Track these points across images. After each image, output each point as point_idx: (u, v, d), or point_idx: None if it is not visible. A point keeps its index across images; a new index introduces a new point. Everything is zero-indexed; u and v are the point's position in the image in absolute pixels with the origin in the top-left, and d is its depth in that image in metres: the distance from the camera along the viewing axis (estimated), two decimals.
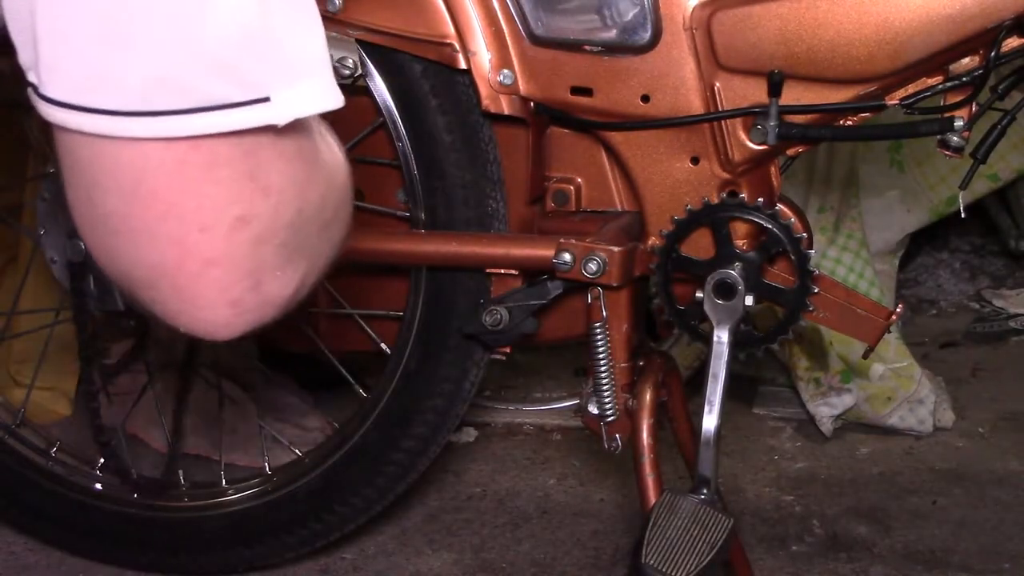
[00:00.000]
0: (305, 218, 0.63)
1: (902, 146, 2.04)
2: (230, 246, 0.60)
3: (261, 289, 0.63)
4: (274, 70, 0.59)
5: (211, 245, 0.59)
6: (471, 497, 1.63)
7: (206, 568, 1.42)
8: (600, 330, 1.17)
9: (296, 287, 0.66)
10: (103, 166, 0.58)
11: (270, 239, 0.61)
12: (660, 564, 1.04)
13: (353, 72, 1.21)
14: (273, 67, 0.59)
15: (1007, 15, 1.05)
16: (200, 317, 0.62)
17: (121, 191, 0.59)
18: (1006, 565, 1.43)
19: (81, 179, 0.60)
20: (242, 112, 0.57)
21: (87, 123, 0.57)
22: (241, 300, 0.62)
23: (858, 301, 1.18)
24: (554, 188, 1.25)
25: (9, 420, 1.46)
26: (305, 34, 0.61)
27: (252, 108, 0.57)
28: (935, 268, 2.45)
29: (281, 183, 0.61)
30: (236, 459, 1.68)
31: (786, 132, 1.12)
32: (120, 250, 0.61)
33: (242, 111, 0.57)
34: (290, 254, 0.64)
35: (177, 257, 0.60)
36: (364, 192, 1.32)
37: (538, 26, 1.17)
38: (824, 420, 1.76)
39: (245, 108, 0.57)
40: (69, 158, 0.60)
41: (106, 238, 0.61)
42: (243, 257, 0.61)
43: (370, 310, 1.34)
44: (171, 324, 0.63)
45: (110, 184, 0.59)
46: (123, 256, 0.61)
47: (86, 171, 0.59)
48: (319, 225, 0.66)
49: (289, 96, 0.59)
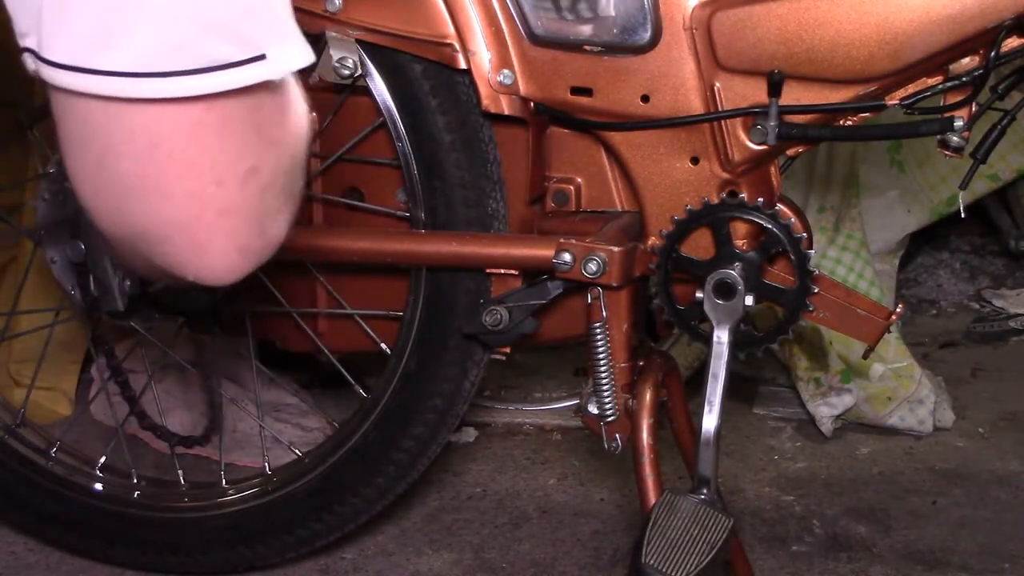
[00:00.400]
0: (296, 163, 0.69)
1: (902, 146, 2.04)
2: (243, 196, 0.64)
3: (266, 233, 0.67)
4: (266, 29, 0.62)
5: (226, 197, 0.63)
6: (471, 497, 1.63)
7: (206, 568, 1.42)
8: (600, 330, 1.17)
9: (287, 227, 0.70)
10: (118, 130, 0.61)
11: (273, 186, 0.66)
12: (660, 564, 1.04)
13: (353, 72, 1.22)
14: (265, 27, 0.62)
15: (1007, 15, 1.05)
16: (210, 264, 0.66)
17: (137, 154, 0.62)
18: (1006, 565, 1.43)
19: (91, 145, 0.62)
20: (244, 71, 0.61)
21: (97, 85, 0.59)
22: (249, 245, 0.66)
23: (858, 301, 1.18)
24: (554, 188, 1.25)
25: (9, 420, 1.46)
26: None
27: (252, 66, 0.61)
28: (935, 268, 2.45)
29: (280, 134, 0.66)
30: (236, 459, 1.68)
31: (786, 132, 1.12)
32: (133, 211, 0.64)
33: (244, 69, 0.61)
34: (286, 198, 0.68)
35: (195, 211, 0.63)
36: (364, 192, 1.32)
37: (538, 26, 1.17)
38: (824, 420, 1.76)
39: (246, 67, 0.61)
40: (78, 125, 0.62)
41: (117, 201, 0.64)
42: (253, 206, 0.65)
43: (370, 310, 1.34)
44: (177, 274, 0.67)
45: (125, 148, 0.61)
46: (136, 216, 0.64)
47: (98, 136, 0.62)
48: (302, 168, 0.71)
49: (280, 53, 0.63)
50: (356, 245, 1.23)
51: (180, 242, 0.64)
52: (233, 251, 0.66)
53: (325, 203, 1.34)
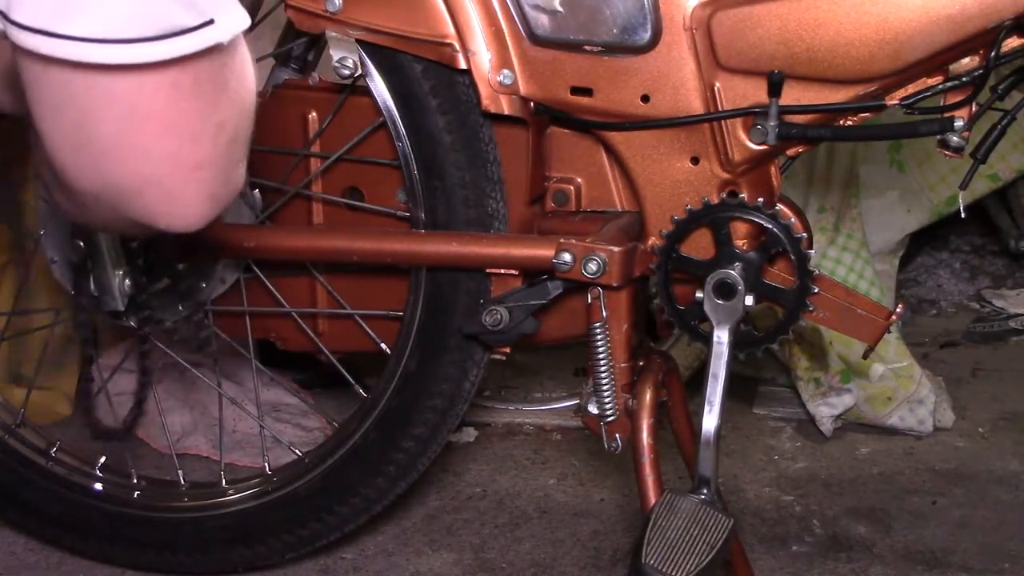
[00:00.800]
0: (250, 114, 0.74)
1: (902, 146, 2.04)
2: (214, 149, 0.70)
3: (231, 181, 0.73)
4: None
5: (200, 151, 0.69)
6: (471, 497, 1.63)
7: (206, 568, 1.42)
8: (600, 330, 1.17)
9: (244, 171, 0.76)
10: (97, 96, 0.65)
11: (237, 137, 0.72)
12: (660, 564, 1.04)
13: (353, 72, 1.22)
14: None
15: (1007, 15, 1.05)
16: (182, 214, 0.72)
17: (117, 118, 0.66)
18: (1006, 565, 1.43)
19: (68, 110, 0.66)
20: (202, 34, 0.66)
21: (65, 49, 0.62)
22: (218, 193, 0.72)
23: (858, 301, 1.18)
24: (554, 188, 1.25)
25: (9, 420, 1.46)
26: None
27: (207, 30, 0.66)
28: (935, 268, 2.45)
29: (240, 88, 0.72)
30: (236, 459, 1.68)
31: (786, 132, 1.12)
32: (111, 169, 0.69)
33: (201, 33, 0.66)
34: (243, 147, 0.74)
35: (170, 166, 0.69)
36: (364, 192, 1.32)
37: (538, 26, 1.17)
38: (824, 420, 1.76)
39: (202, 31, 0.66)
40: (53, 89, 0.66)
41: (94, 159, 0.68)
42: (222, 156, 0.71)
43: (370, 310, 1.34)
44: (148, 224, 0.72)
45: (104, 113, 0.66)
46: (113, 174, 0.69)
47: (76, 101, 0.66)
48: (252, 118, 0.76)
49: (226, 18, 0.68)
50: (356, 245, 1.23)
51: (155, 194, 0.70)
52: (205, 200, 0.71)
53: (325, 203, 1.34)
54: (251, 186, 1.36)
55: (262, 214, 1.36)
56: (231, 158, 0.72)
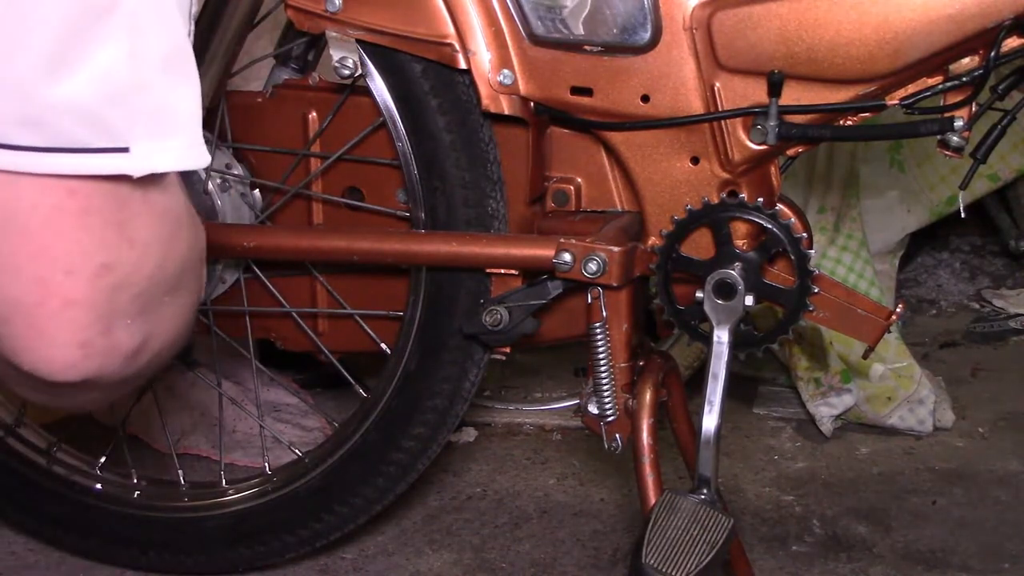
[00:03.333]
0: (164, 275, 0.66)
1: (902, 146, 2.04)
2: (91, 290, 0.62)
3: (111, 335, 0.64)
4: (135, 122, 0.60)
5: (74, 287, 0.62)
6: (471, 497, 1.63)
7: (206, 568, 1.42)
8: (600, 330, 1.17)
9: (141, 341, 0.67)
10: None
11: (128, 288, 0.64)
12: (660, 564, 1.04)
13: (353, 72, 1.22)
14: (134, 118, 0.60)
15: (1007, 15, 1.05)
16: (48, 355, 0.63)
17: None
18: (1006, 565, 1.43)
19: None
20: (99, 158, 0.59)
21: None
22: (91, 342, 0.63)
23: (858, 301, 1.18)
24: (554, 188, 1.25)
25: (9, 420, 1.46)
26: (178, 92, 0.63)
27: (110, 156, 0.59)
28: (935, 268, 2.45)
29: (147, 237, 0.64)
30: (236, 459, 1.68)
31: (786, 132, 1.12)
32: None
33: (99, 157, 0.59)
34: (143, 306, 0.66)
35: (39, 296, 0.61)
36: (364, 192, 1.32)
37: (538, 26, 1.17)
38: (824, 420, 1.76)
39: (103, 155, 0.59)
40: None
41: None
42: (101, 302, 0.63)
43: (370, 310, 1.34)
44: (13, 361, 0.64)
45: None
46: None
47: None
48: (173, 285, 0.68)
49: (150, 150, 0.61)
50: (356, 245, 1.23)
51: (20, 326, 0.62)
52: (73, 346, 0.63)
53: (325, 203, 1.34)
54: (251, 186, 1.36)
55: (262, 214, 1.36)
56: (113, 308, 0.63)
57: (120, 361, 0.66)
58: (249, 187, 1.36)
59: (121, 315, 0.64)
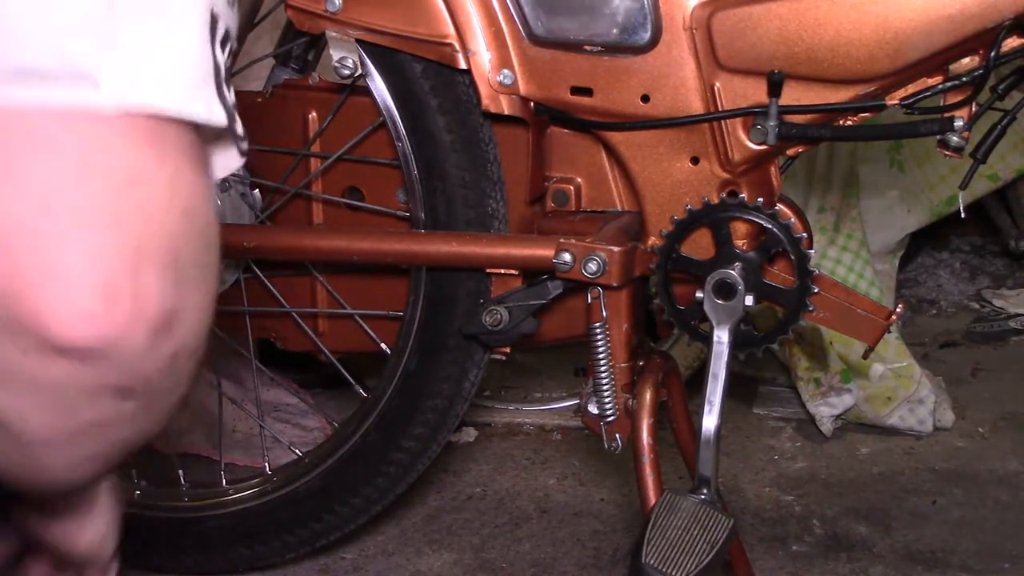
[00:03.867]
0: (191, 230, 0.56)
1: (902, 146, 2.04)
2: (117, 200, 0.52)
3: (139, 278, 0.54)
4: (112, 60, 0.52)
5: (94, 196, 0.52)
6: (471, 497, 1.63)
7: (206, 568, 1.42)
8: (600, 330, 1.17)
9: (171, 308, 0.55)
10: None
11: (158, 220, 0.54)
12: (660, 564, 1.04)
13: (353, 72, 1.22)
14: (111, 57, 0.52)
15: (1007, 15, 1.04)
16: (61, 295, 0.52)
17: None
18: (1006, 565, 1.43)
19: None
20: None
21: None
22: (116, 284, 0.52)
23: (858, 301, 1.18)
24: (554, 188, 1.25)
25: None
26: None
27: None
28: (935, 268, 2.45)
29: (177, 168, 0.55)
30: (236, 459, 1.68)
31: (786, 132, 1.12)
32: None
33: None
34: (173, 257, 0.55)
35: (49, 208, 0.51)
36: (364, 192, 1.32)
37: (538, 26, 1.17)
38: (824, 420, 1.76)
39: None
40: None
41: None
42: (127, 224, 0.53)
43: (370, 310, 1.34)
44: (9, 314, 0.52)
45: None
46: None
47: None
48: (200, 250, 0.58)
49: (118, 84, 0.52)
50: (356, 245, 1.23)
51: (23, 252, 0.51)
52: (95, 285, 0.52)
53: (325, 203, 1.34)
54: (251, 186, 1.36)
55: (262, 214, 1.36)
56: (144, 240, 0.53)
57: (145, 328, 0.53)
58: (249, 187, 1.36)
59: (151, 255, 0.53)
